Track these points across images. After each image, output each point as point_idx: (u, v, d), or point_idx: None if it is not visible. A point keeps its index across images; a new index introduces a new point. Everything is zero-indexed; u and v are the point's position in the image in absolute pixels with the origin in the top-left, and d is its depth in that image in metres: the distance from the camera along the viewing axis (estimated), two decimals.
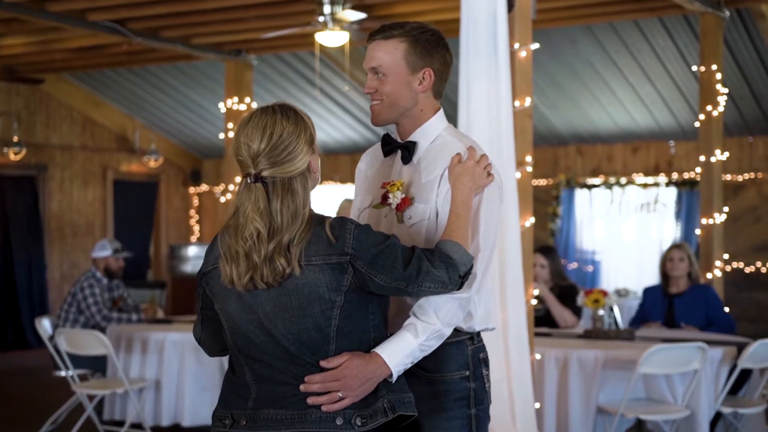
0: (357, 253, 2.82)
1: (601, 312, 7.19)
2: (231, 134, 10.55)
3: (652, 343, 6.44)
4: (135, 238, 15.79)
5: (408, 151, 3.23)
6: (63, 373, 8.11)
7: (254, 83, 11.68)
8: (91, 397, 7.80)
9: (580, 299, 7.48)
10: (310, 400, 2.85)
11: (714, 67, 8.83)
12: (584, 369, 6.34)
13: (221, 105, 10.84)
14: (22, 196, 14.25)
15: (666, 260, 7.77)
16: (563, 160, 13.93)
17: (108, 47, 10.66)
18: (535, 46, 5.93)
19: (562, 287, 7.78)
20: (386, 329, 3.01)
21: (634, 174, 13.35)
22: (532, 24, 5.93)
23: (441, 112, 3.28)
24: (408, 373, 3.04)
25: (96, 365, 8.20)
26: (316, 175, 2.98)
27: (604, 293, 7.27)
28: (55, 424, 8.14)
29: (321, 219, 2.88)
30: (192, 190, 16.73)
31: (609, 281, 13.39)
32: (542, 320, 7.64)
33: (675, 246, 7.91)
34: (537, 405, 6.00)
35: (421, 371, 3.11)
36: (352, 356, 2.86)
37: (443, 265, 2.88)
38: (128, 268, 15.34)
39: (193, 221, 16.75)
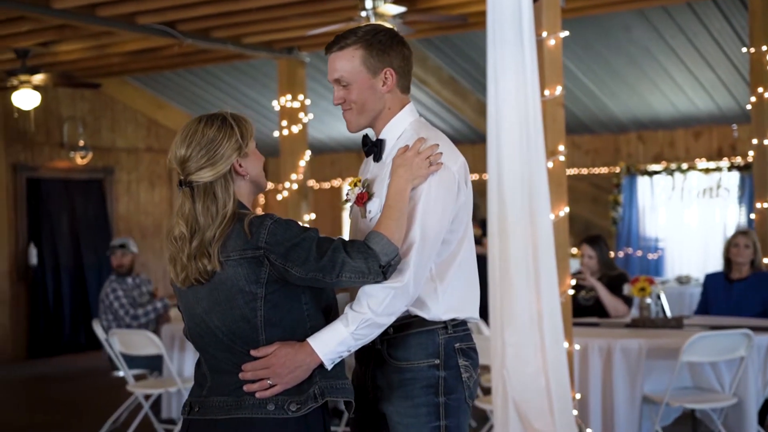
0: (270, 247, 2.97)
1: (648, 300, 7.10)
2: (285, 132, 10.60)
3: (699, 331, 6.35)
4: None
5: (377, 148, 3.34)
6: (121, 374, 8.21)
7: (309, 79, 11.68)
8: (147, 397, 7.86)
9: (627, 288, 7.40)
10: (245, 388, 3.03)
11: (764, 47, 8.63)
12: (628, 358, 6.27)
13: (275, 103, 10.88)
14: (90, 200, 14.47)
15: (731, 245, 7.72)
16: (624, 147, 13.78)
17: (161, 49, 10.75)
18: (565, 33, 5.86)
19: (611, 277, 7.69)
20: (327, 318, 3.12)
21: (697, 159, 13.14)
22: (561, 12, 5.87)
23: (409, 106, 3.36)
24: (381, 361, 3.24)
25: (153, 365, 8.29)
26: (248, 177, 3.12)
27: (651, 281, 7.19)
28: (116, 424, 8.22)
29: (242, 216, 3.03)
30: None
31: (673, 268, 13.22)
32: (591, 310, 7.58)
33: (741, 232, 7.87)
34: (578, 396, 5.97)
35: (392, 360, 3.23)
36: (282, 345, 3.01)
37: (361, 256, 2.97)
38: None
39: None
